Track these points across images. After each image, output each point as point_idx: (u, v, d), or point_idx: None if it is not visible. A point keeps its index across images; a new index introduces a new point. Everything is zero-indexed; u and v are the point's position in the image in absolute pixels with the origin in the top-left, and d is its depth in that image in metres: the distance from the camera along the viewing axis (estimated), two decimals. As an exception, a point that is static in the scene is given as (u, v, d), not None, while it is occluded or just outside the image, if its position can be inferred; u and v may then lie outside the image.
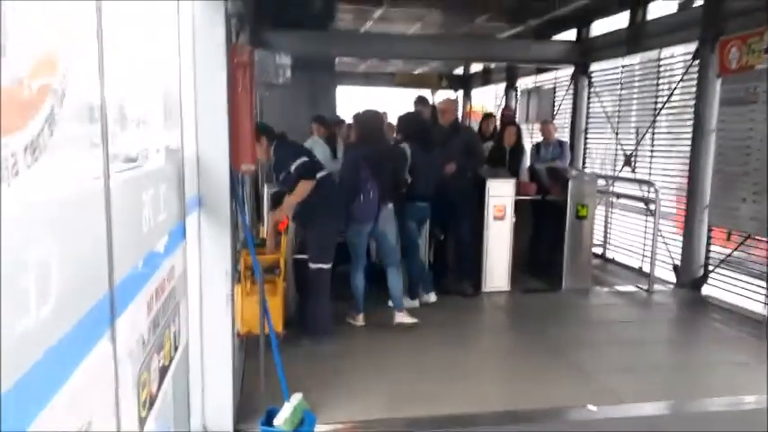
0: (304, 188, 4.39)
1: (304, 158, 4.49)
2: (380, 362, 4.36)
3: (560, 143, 7.76)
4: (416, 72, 14.66)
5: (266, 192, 5.17)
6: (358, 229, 4.90)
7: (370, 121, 5.20)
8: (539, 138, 8.33)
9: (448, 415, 3.56)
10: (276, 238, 4.68)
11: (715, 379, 4.32)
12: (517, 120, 9.61)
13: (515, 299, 6.09)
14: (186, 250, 2.68)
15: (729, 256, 6.18)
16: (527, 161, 7.27)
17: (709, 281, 6.37)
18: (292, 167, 4.41)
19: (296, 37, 8.09)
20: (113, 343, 1.45)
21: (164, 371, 2.08)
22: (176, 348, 2.34)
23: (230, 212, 3.06)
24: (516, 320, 5.56)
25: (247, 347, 3.97)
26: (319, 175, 4.50)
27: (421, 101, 7.34)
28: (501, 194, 6.04)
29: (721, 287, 6.20)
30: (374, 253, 5.65)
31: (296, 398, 3.36)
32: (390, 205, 5.00)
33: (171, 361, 2.22)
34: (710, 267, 6.39)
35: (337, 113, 10.39)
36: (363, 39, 9.63)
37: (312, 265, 4.56)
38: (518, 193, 6.21)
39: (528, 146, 7.91)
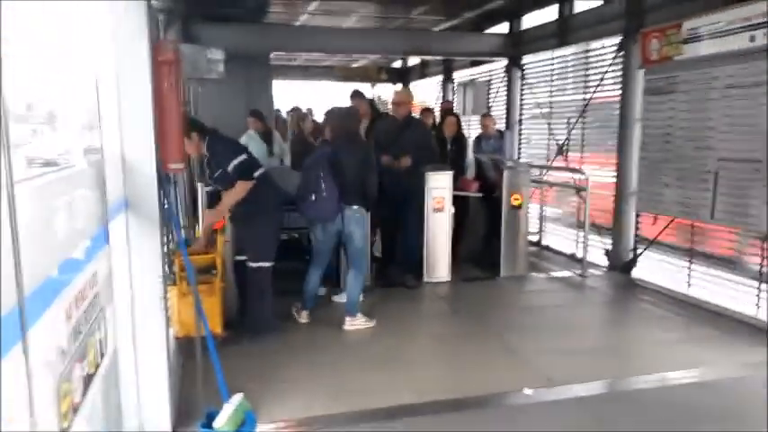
0: (243, 188, 4.31)
1: (243, 157, 4.38)
2: (322, 357, 4.36)
3: (501, 135, 7.92)
4: (355, 65, 14.64)
5: (200, 191, 5.05)
6: (322, 227, 4.88)
7: (345, 119, 5.08)
8: (476, 130, 8.50)
9: (390, 406, 3.60)
10: (210, 237, 4.59)
11: (644, 358, 4.52)
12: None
13: (456, 288, 6.21)
14: (111, 255, 2.60)
15: (654, 239, 6.49)
16: (470, 152, 7.37)
17: (638, 264, 6.68)
18: (230, 166, 4.31)
19: (228, 31, 7.94)
20: (26, 355, 1.39)
21: (89, 379, 2.01)
22: (103, 355, 2.27)
23: (160, 213, 2.98)
24: (456, 309, 5.67)
25: (187, 350, 3.89)
26: (257, 173, 4.44)
27: (357, 94, 7.33)
28: (440, 186, 6.13)
29: (649, 269, 6.50)
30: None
31: (236, 398, 3.31)
32: (356, 207, 4.86)
33: (97, 368, 2.15)
34: (639, 251, 6.70)
35: (275, 107, 10.29)
36: (298, 32, 9.52)
37: (252, 264, 4.50)
38: (460, 188, 6.32)
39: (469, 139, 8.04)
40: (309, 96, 14.07)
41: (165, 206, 3.24)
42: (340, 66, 14.30)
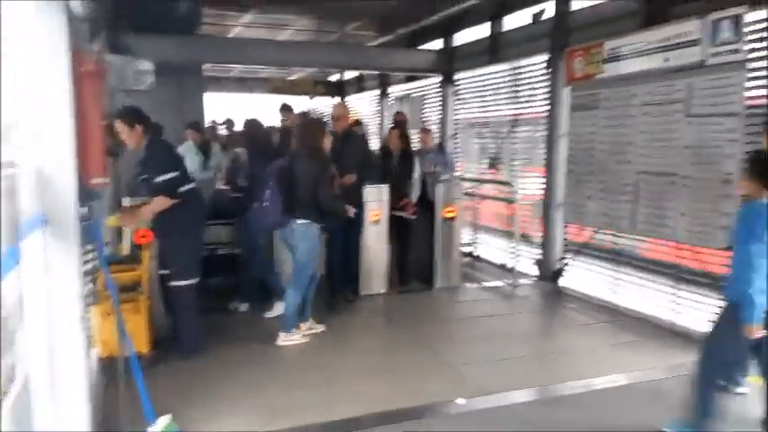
0: (162, 203, 4.22)
1: (174, 174, 4.27)
2: (255, 375, 4.27)
3: (441, 149, 7.99)
4: (291, 78, 14.58)
5: (127, 205, 4.89)
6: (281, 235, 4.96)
7: (308, 132, 4.98)
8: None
9: (325, 422, 3.57)
10: (136, 252, 4.45)
11: (572, 364, 4.67)
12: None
13: (392, 300, 6.25)
14: (23, 275, 2.47)
15: (580, 250, 6.75)
16: (417, 169, 7.24)
17: (566, 273, 6.92)
18: (159, 178, 4.21)
19: (159, 42, 7.75)
20: None
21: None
22: (12, 381, 2.14)
23: (79, 230, 2.85)
24: (391, 322, 5.69)
25: (111, 371, 3.73)
26: (184, 188, 4.34)
27: (285, 108, 7.31)
28: (376, 200, 6.17)
29: (576, 278, 6.77)
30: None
31: (163, 421, 3.22)
32: (303, 221, 4.78)
33: (5, 395, 2.03)
34: (566, 261, 6.95)
35: (213, 119, 10.10)
36: (231, 44, 9.43)
37: (176, 283, 4.39)
38: (400, 206, 6.37)
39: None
40: (246, 108, 13.88)
41: (87, 222, 3.11)
42: (276, 78, 14.21)
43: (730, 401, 3.56)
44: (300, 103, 11.45)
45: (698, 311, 5.16)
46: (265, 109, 12.44)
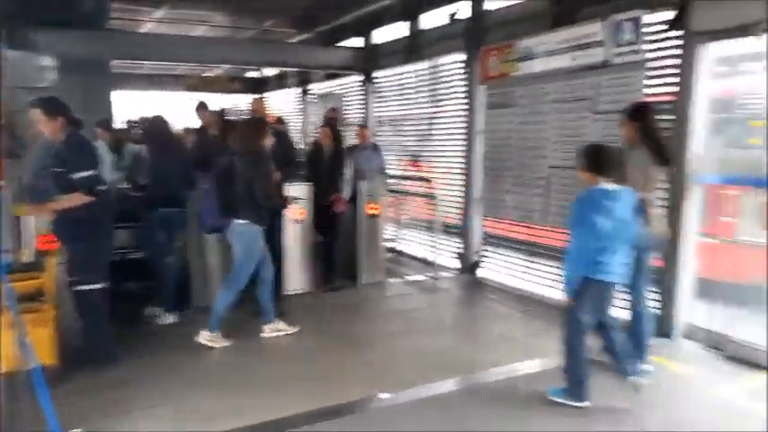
0: (78, 200, 4.06)
1: (93, 172, 4.16)
2: (171, 384, 4.10)
3: (375, 148, 7.99)
4: (207, 75, 14.16)
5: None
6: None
7: (246, 132, 4.89)
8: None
9: (244, 426, 3.49)
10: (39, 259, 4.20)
11: (493, 352, 4.81)
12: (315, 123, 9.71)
13: (315, 298, 6.23)
14: None
15: (497, 242, 6.98)
16: (349, 166, 7.17)
17: (484, 265, 7.13)
18: (77, 175, 4.06)
19: (62, 36, 7.33)
20: None
21: None
22: None
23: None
24: (315, 320, 5.62)
25: (14, 387, 3.50)
26: (100, 188, 4.19)
27: (202, 106, 7.13)
28: (297, 197, 6.09)
29: (494, 269, 7.02)
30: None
31: (73, 435, 3.06)
32: (241, 221, 4.71)
33: None
34: (484, 253, 7.16)
35: (125, 118, 9.68)
36: (141, 40, 9.00)
37: (83, 287, 4.17)
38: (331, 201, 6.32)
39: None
40: (160, 106, 13.36)
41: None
42: (190, 75, 13.75)
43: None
44: (218, 101, 11.19)
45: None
46: (181, 107, 12.03)
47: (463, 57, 7.27)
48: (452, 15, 7.54)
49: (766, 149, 4.55)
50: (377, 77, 9.48)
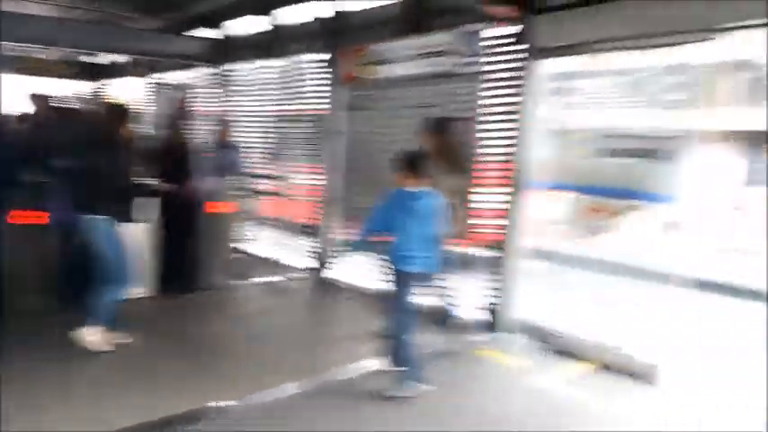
0: None
1: None
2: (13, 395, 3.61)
3: (233, 146, 7.66)
4: (37, 57, 12.69)
5: None
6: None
7: (108, 119, 4.63)
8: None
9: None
10: None
11: (340, 351, 4.86)
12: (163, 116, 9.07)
13: (158, 303, 5.81)
14: None
15: (342, 243, 7.07)
16: (195, 163, 6.76)
17: (335, 265, 7.19)
18: None
19: None
20: None
21: None
22: None
23: None
24: (152, 326, 5.20)
25: None
26: None
27: (36, 97, 6.49)
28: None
29: (344, 270, 7.05)
30: None
31: None
32: (100, 216, 4.38)
33: None
34: (336, 254, 7.23)
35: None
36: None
37: None
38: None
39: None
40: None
41: None
42: (25, 57, 12.25)
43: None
44: (49, 87, 10.09)
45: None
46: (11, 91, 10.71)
47: (325, 56, 7.20)
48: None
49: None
50: (231, 71, 9.13)
